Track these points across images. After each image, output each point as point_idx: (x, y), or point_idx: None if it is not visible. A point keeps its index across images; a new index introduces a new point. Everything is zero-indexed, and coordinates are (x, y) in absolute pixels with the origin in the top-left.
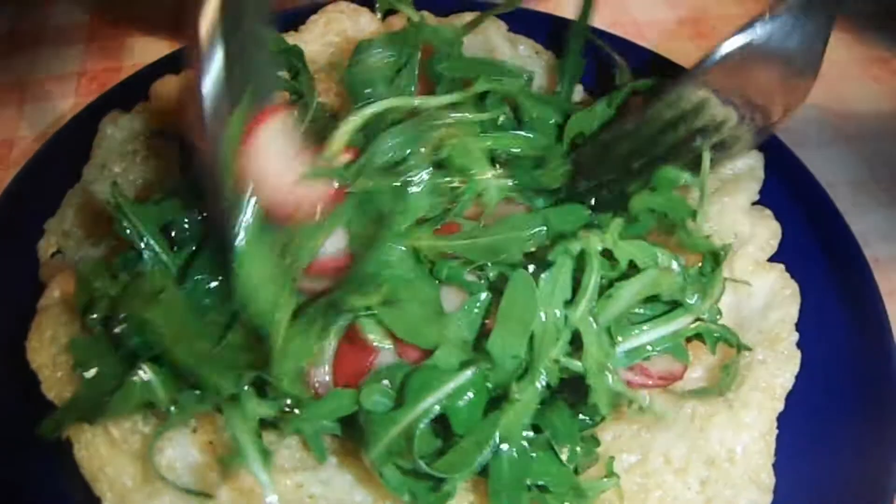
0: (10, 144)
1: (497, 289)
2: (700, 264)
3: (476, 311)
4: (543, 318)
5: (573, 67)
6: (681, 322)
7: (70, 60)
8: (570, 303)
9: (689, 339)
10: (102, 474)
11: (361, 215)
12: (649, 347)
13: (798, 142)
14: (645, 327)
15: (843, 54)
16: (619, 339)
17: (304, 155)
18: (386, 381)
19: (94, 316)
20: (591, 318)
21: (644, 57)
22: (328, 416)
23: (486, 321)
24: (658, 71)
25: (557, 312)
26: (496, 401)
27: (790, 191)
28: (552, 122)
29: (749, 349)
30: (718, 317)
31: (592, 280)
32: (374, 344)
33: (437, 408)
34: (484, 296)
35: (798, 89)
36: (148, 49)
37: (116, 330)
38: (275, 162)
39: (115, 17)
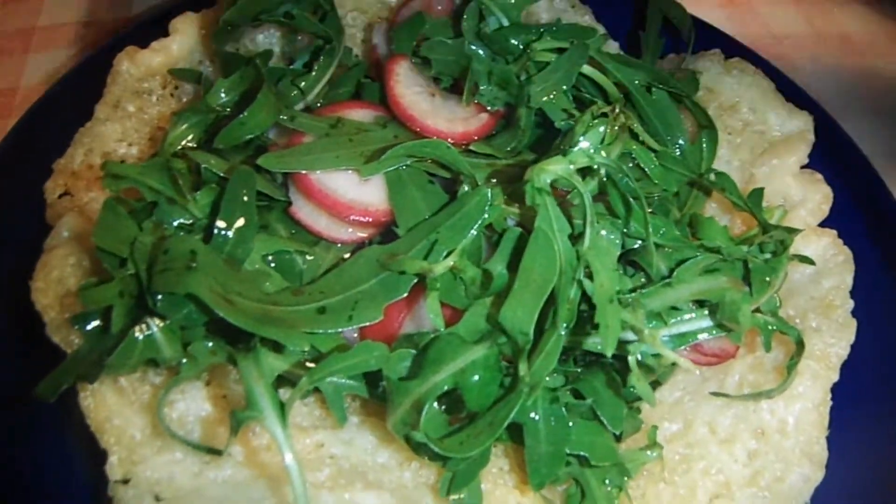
0: (14, 93)
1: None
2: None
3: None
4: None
5: (653, 45)
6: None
7: (74, 9)
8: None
9: None
10: (109, 425)
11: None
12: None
13: (836, 113)
14: (695, 315)
15: (875, 30)
16: (671, 321)
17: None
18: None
19: (128, 271)
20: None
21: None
22: (354, 370)
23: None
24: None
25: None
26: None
27: (831, 156)
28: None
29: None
30: (778, 304)
31: (587, 205)
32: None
33: (449, 383)
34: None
35: None
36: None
37: (153, 303)
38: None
39: None
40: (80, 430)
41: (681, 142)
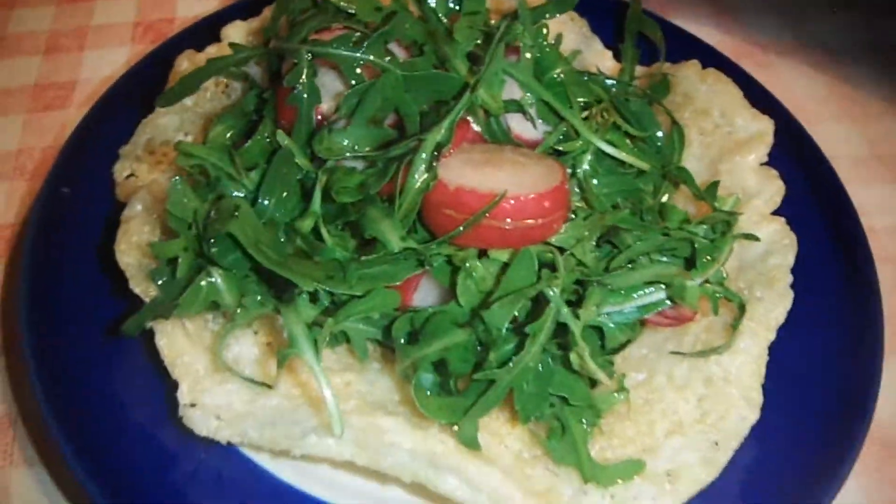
0: (73, 86)
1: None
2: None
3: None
4: None
5: (631, 55)
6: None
7: (125, 11)
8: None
9: None
10: (180, 361)
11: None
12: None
13: (806, 118)
14: (654, 290)
15: (855, 40)
16: (636, 295)
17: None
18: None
19: (191, 231)
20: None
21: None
22: (368, 312)
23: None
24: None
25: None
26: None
27: (795, 156)
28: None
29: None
30: (725, 276)
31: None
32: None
33: (437, 355)
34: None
35: None
36: (198, 1)
37: (208, 249)
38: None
39: None
40: (157, 365)
41: (659, 133)
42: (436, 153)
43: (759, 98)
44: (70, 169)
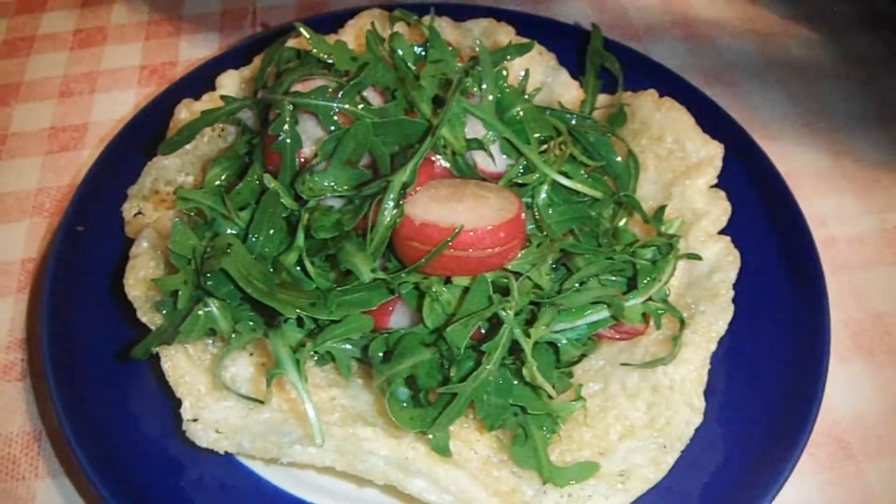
0: (85, 128)
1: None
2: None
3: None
4: None
5: (593, 86)
6: (632, 302)
7: (131, 55)
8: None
9: None
10: (182, 381)
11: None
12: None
13: (770, 135)
14: (597, 308)
15: (821, 54)
16: (585, 313)
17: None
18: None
19: (190, 265)
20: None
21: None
22: (344, 335)
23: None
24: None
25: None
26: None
27: (748, 172)
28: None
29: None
30: (667, 293)
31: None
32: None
33: (407, 372)
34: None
35: None
36: (198, 45)
37: (204, 282)
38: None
39: (168, 16)
40: (163, 385)
41: (618, 159)
42: (403, 192)
43: (716, 119)
44: (83, 208)
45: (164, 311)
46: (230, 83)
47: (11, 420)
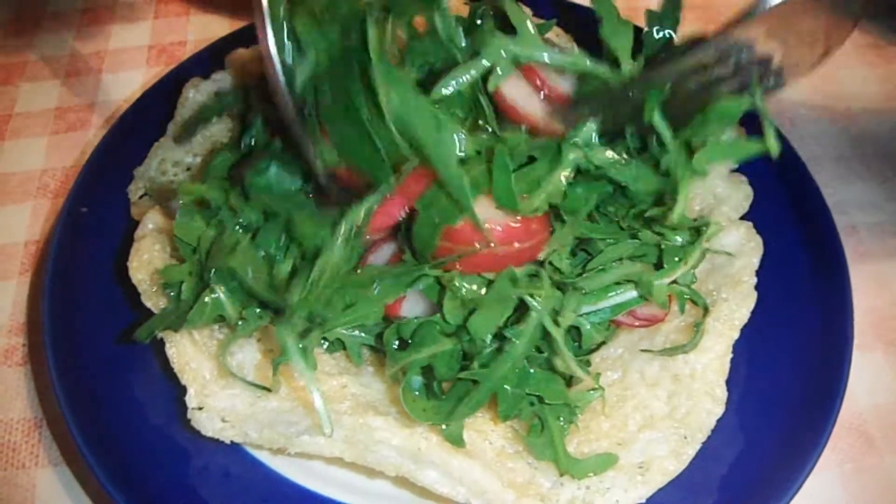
0: (92, 108)
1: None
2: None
3: None
4: None
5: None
6: (659, 281)
7: (140, 35)
8: None
9: None
10: (188, 368)
11: None
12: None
13: (791, 118)
14: (625, 290)
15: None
16: (608, 295)
17: None
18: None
19: (195, 256)
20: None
21: None
22: (352, 322)
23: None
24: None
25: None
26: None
27: (769, 158)
28: None
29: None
30: (695, 279)
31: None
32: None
33: (424, 361)
34: None
35: (838, 34)
36: (208, 26)
37: (208, 278)
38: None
39: None
40: (168, 372)
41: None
42: None
43: None
44: (88, 190)
45: (172, 294)
46: (241, 62)
47: (12, 406)
